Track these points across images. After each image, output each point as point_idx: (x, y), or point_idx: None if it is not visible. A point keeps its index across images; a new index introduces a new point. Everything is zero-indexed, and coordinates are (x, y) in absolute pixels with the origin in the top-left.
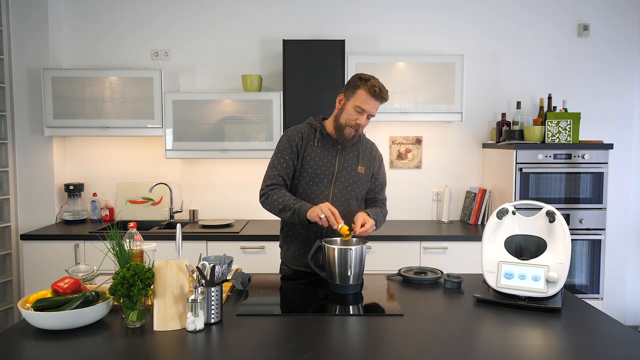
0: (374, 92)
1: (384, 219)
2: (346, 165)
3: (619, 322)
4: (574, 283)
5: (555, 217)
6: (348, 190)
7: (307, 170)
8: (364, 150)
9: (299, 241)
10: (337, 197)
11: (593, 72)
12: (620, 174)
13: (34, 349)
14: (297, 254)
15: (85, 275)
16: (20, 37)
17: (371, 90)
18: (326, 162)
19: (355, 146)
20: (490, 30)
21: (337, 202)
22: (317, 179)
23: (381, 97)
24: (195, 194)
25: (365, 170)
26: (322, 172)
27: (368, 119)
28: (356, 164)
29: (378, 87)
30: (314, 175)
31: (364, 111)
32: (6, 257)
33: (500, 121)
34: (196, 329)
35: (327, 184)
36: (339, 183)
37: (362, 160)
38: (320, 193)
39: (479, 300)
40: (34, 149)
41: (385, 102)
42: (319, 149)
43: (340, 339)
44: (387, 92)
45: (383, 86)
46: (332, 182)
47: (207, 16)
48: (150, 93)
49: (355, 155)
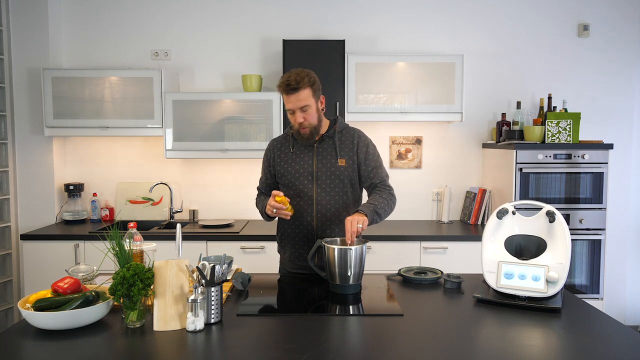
0: (284, 89)
1: (388, 205)
2: (325, 161)
3: (619, 322)
4: (574, 283)
5: (555, 217)
6: (331, 187)
7: (287, 176)
8: (343, 142)
9: (292, 245)
10: (322, 196)
11: (593, 72)
12: (620, 174)
13: (34, 349)
14: (293, 257)
15: (85, 275)
16: (20, 37)
17: (281, 88)
18: (303, 163)
19: (332, 140)
20: (490, 30)
21: (323, 201)
22: (297, 182)
23: (292, 88)
24: (195, 194)
25: (347, 162)
26: (301, 174)
27: (304, 112)
28: (335, 157)
29: (285, 81)
30: (294, 179)
31: (291, 110)
32: (6, 257)
33: (500, 121)
34: (196, 329)
35: (308, 184)
36: (321, 182)
37: (342, 152)
38: (304, 195)
39: (479, 300)
40: (34, 149)
41: (299, 89)
42: (294, 154)
43: (340, 339)
44: (296, 80)
45: (290, 76)
46: (314, 182)
47: (207, 16)
48: (150, 93)
49: (333, 149)
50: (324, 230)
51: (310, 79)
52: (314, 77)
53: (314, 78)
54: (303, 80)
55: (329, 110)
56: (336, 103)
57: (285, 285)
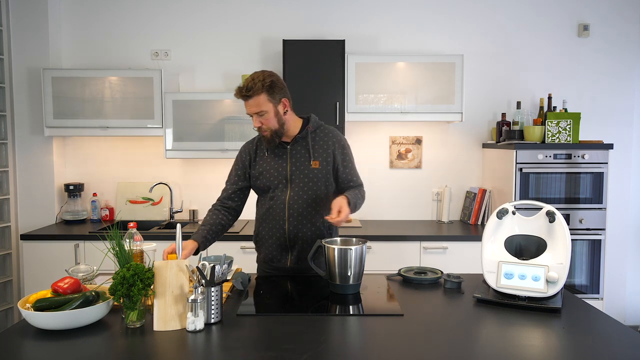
0: (238, 94)
1: (362, 201)
2: (299, 164)
3: (619, 322)
4: (574, 283)
5: (555, 217)
6: (305, 190)
7: (262, 179)
8: (317, 142)
9: (265, 247)
10: (294, 200)
11: (593, 72)
12: (620, 174)
13: (34, 349)
14: (267, 258)
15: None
16: (20, 37)
17: (236, 94)
18: (277, 167)
19: (305, 140)
20: (490, 30)
21: (295, 205)
22: (272, 186)
23: (243, 94)
24: (195, 194)
25: (320, 164)
26: (275, 177)
27: (260, 116)
28: (309, 159)
29: (238, 87)
30: (268, 183)
31: (248, 114)
32: (6, 257)
33: (500, 121)
34: (196, 329)
35: (282, 188)
36: (295, 185)
37: (315, 153)
38: (277, 199)
39: (479, 300)
40: (34, 149)
41: (252, 96)
42: (269, 157)
43: (340, 339)
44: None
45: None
46: (288, 186)
47: (207, 16)
48: (150, 93)
49: (307, 151)
50: (295, 234)
51: (265, 84)
52: (270, 80)
53: (270, 82)
54: (256, 86)
55: (329, 110)
56: (336, 103)
57: (286, 285)
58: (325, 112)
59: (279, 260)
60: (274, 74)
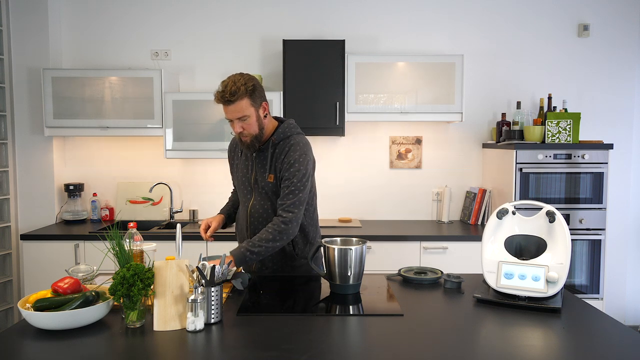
0: (218, 99)
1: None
2: (259, 174)
3: (619, 322)
4: (574, 283)
5: (555, 217)
6: (265, 200)
7: (235, 181)
8: (277, 155)
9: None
10: (256, 209)
11: (593, 72)
12: (620, 174)
13: (34, 349)
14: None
15: (85, 275)
16: (20, 37)
17: (217, 99)
18: (246, 172)
19: (264, 153)
20: (490, 30)
21: (256, 214)
22: (242, 186)
23: (226, 99)
24: (195, 194)
25: (274, 178)
26: (243, 182)
27: (242, 121)
28: (266, 172)
29: (221, 91)
30: (240, 184)
31: (229, 119)
32: (6, 257)
33: (500, 121)
34: (196, 329)
35: (247, 194)
36: (257, 194)
37: (272, 167)
38: (245, 202)
39: (479, 300)
40: (34, 149)
41: (235, 101)
42: (242, 160)
43: (340, 339)
44: (231, 91)
45: (227, 85)
46: (252, 192)
47: (207, 16)
48: (150, 93)
49: (266, 163)
50: None
51: (248, 88)
52: (252, 84)
53: (252, 85)
54: (239, 91)
55: (329, 110)
56: (336, 103)
57: (286, 285)
58: (325, 112)
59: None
60: (253, 78)
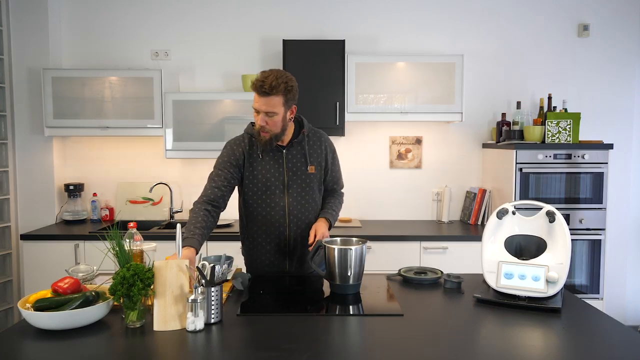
0: (257, 89)
1: (338, 212)
2: (295, 169)
3: (619, 322)
4: (574, 283)
5: (555, 217)
6: (303, 195)
7: (257, 184)
8: (311, 146)
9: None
10: (294, 206)
11: (593, 72)
12: (620, 174)
13: (34, 349)
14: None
15: (85, 275)
16: (20, 37)
17: (254, 87)
18: (274, 171)
19: (301, 145)
20: (490, 30)
21: (295, 211)
22: (268, 191)
23: (263, 90)
24: (196, 194)
25: (316, 168)
26: (272, 183)
27: (269, 117)
28: (305, 164)
29: (260, 80)
30: (264, 188)
31: (256, 110)
32: (6, 257)
33: (500, 121)
34: (196, 329)
35: (280, 194)
36: (292, 191)
37: (311, 158)
38: (275, 205)
39: (479, 300)
40: (34, 149)
41: (271, 95)
42: (264, 160)
43: (340, 339)
44: (271, 85)
45: (268, 77)
46: (285, 192)
47: (207, 16)
48: (150, 93)
49: (303, 155)
50: (296, 239)
51: (287, 87)
52: (292, 85)
53: (291, 86)
54: (279, 87)
55: (329, 110)
56: (336, 103)
57: (286, 285)
58: (325, 112)
59: (277, 266)
60: (294, 79)
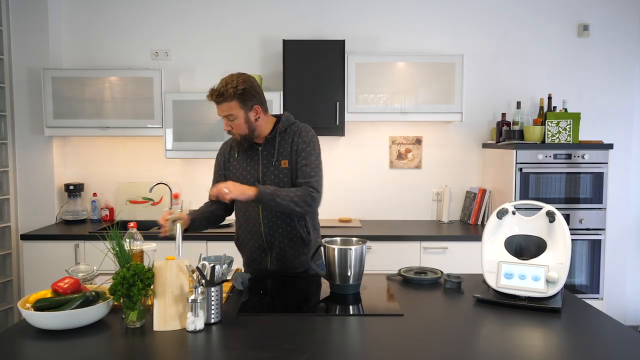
0: (211, 98)
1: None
2: (269, 165)
3: (619, 322)
4: (574, 283)
5: (555, 217)
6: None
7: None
8: (286, 141)
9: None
10: None
11: (593, 72)
12: (620, 174)
13: (34, 349)
14: (249, 261)
15: (85, 275)
16: (20, 37)
17: (209, 98)
18: (249, 168)
19: (274, 141)
20: (490, 31)
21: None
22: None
23: (213, 99)
24: (195, 194)
25: (289, 162)
26: (246, 178)
27: (231, 120)
28: (279, 160)
29: (211, 91)
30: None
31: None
32: (6, 257)
33: (500, 121)
34: (196, 329)
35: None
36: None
37: (283, 152)
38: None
39: (479, 300)
40: (34, 149)
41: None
42: (241, 158)
43: (340, 339)
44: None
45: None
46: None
47: (207, 16)
48: (150, 93)
49: (276, 150)
50: (272, 235)
51: (237, 91)
52: (243, 87)
53: (242, 89)
54: (227, 93)
55: (329, 110)
56: (336, 103)
57: (286, 285)
58: (325, 112)
59: (260, 263)
60: (247, 79)
